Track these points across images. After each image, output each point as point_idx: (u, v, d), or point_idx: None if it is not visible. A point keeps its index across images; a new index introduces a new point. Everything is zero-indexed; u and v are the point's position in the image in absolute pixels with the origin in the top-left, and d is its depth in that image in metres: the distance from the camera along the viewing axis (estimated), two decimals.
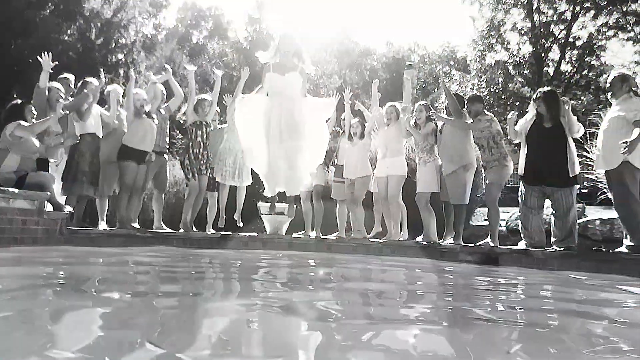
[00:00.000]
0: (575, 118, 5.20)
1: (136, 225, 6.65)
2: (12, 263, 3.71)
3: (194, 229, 6.77)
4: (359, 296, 2.71)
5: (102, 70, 6.98)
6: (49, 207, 5.52)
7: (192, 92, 6.77)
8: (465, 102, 6.19)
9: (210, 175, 6.80)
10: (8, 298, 2.15)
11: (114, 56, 14.85)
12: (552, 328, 1.97)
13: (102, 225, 6.44)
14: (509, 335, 1.84)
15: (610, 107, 5.13)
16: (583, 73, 25.75)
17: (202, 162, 6.58)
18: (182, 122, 7.48)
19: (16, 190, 5.05)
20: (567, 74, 26.06)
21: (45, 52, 5.87)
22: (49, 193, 5.43)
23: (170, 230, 6.73)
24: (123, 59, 14.74)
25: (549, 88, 5.48)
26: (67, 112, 6.01)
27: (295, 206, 6.96)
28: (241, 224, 7.02)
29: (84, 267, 3.73)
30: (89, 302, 2.15)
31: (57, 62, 6.02)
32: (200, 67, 16.77)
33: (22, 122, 5.37)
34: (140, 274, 3.46)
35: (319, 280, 3.52)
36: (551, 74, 25.67)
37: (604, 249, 5.07)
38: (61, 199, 5.86)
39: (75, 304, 2.09)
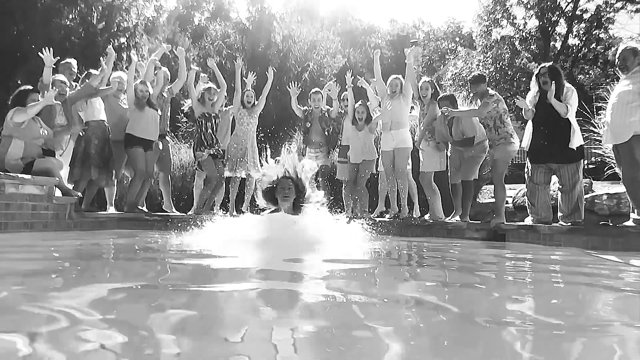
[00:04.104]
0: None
1: (144, 209, 6.72)
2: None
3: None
4: None
5: (102, 59, 6.98)
6: (57, 193, 5.57)
7: (191, 89, 6.82)
8: (469, 84, 6.17)
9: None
10: None
11: (116, 40, 14.76)
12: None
13: (111, 210, 6.51)
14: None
15: (618, 80, 5.07)
16: (591, 47, 25.35)
17: (215, 148, 6.70)
18: (184, 111, 7.54)
19: (25, 176, 5.10)
20: (574, 47, 25.68)
21: (46, 48, 5.88)
22: (57, 178, 5.47)
23: (178, 213, 6.79)
24: (125, 43, 14.65)
25: (551, 63, 5.41)
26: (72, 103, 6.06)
27: None
28: None
29: None
30: None
31: (59, 58, 6.03)
32: (203, 49, 16.63)
33: (20, 107, 5.39)
34: None
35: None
36: (558, 48, 25.32)
37: (610, 224, 5.05)
38: (70, 185, 5.92)
39: None
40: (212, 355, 1.19)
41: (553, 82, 5.03)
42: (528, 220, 5.41)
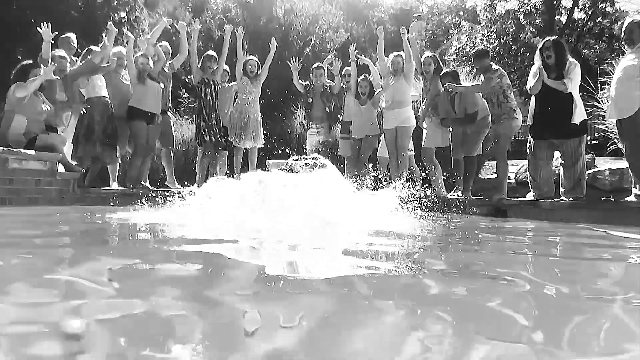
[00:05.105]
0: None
1: (147, 184, 6.74)
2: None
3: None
4: None
5: (103, 34, 6.90)
6: (60, 168, 5.60)
7: (193, 52, 6.77)
8: (473, 59, 6.13)
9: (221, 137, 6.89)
10: None
11: (116, 14, 14.55)
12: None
13: (114, 186, 6.54)
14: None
15: (624, 55, 5.01)
16: (596, 20, 24.93)
17: (215, 124, 6.73)
18: (187, 80, 7.48)
19: (28, 152, 5.11)
20: (579, 21, 25.27)
21: (44, 23, 5.83)
22: (60, 154, 5.49)
23: (181, 188, 6.82)
24: (126, 17, 14.44)
25: (555, 37, 5.35)
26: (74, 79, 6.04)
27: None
28: None
29: None
30: None
31: (57, 32, 5.97)
32: (204, 23, 16.41)
33: (20, 82, 5.37)
34: None
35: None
36: (563, 23, 24.93)
37: (612, 199, 5.07)
38: (74, 162, 5.93)
39: None
40: (220, 322, 1.22)
41: (543, 68, 5.03)
42: (530, 196, 5.43)
